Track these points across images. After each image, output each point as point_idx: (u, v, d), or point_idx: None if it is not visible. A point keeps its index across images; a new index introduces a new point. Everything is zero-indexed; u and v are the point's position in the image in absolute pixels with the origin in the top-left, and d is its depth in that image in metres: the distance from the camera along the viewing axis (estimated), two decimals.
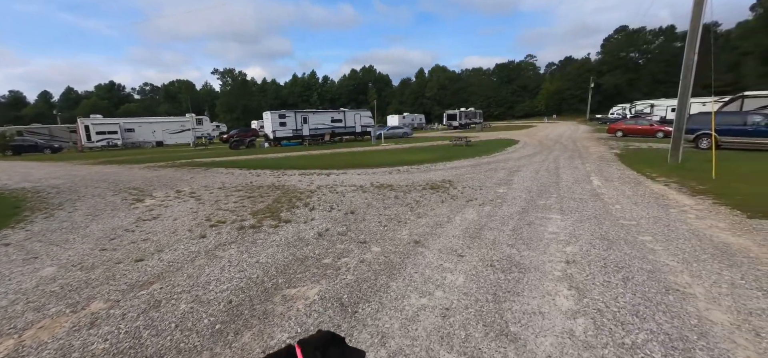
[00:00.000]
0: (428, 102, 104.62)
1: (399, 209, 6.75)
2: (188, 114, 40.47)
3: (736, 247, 4.46)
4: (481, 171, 11.84)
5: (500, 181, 9.80)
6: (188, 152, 26.88)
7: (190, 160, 19.48)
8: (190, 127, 38.35)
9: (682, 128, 12.14)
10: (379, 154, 19.20)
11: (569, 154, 16.07)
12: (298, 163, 15.51)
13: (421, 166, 13.71)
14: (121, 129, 35.84)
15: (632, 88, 75.65)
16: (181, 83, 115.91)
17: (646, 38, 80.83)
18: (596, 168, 11.87)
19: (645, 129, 25.25)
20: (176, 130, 38.17)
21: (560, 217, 6.01)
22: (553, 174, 10.77)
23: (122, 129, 35.95)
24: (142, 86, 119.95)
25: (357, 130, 32.91)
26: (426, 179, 10.50)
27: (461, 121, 51.60)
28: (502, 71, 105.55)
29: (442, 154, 18.13)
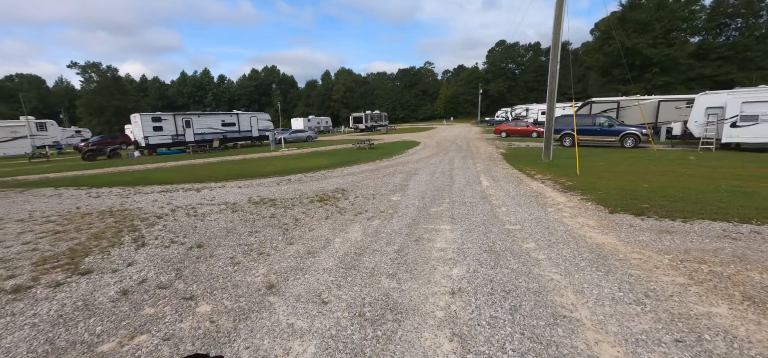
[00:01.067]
0: (335, 104, 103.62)
1: (269, 233, 5.46)
2: (23, 117, 31.46)
3: (607, 248, 4.46)
4: (379, 176, 11.24)
5: (396, 187, 9.25)
6: (18, 166, 20.47)
7: (12, 177, 14.59)
8: (26, 133, 29.84)
9: (552, 130, 13.53)
10: (274, 162, 17.32)
11: (463, 155, 16.79)
12: (165, 177, 12.74)
13: (316, 173, 12.52)
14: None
15: (512, 94, 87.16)
16: (22, 79, 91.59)
17: (519, 52, 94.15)
18: (485, 168, 12.36)
19: (523, 130, 28.61)
20: (6, 138, 29.21)
21: (450, 227, 5.54)
22: (448, 176, 10.75)
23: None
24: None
25: (254, 135, 29.87)
26: (317, 188, 9.36)
27: (367, 123, 51.85)
28: (405, 76, 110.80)
29: (343, 158, 17.23)
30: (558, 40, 12.75)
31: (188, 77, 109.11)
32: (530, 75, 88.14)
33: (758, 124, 14.48)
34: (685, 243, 4.50)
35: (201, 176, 12.55)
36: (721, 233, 4.77)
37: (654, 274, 3.65)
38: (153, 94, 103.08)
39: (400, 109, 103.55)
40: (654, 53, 35.63)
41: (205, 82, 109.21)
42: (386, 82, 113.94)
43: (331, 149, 23.85)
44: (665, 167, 11.49)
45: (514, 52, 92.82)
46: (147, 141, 23.45)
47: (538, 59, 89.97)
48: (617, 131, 18.42)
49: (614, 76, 38.45)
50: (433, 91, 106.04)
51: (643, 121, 22.05)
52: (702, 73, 35.52)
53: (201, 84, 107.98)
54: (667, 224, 5.27)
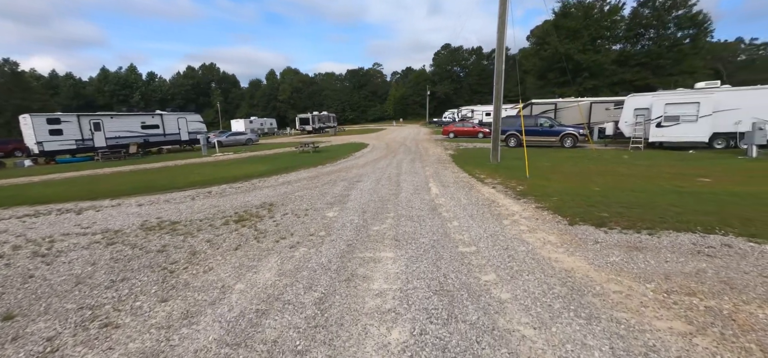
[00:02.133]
0: (282, 105, 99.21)
1: (141, 280, 3.92)
2: None
3: (579, 276, 3.65)
4: (318, 185, 9.89)
5: (335, 198, 7.99)
6: None
7: None
8: None
9: (499, 131, 13.20)
10: (200, 169, 15.08)
11: (411, 158, 16.00)
12: (46, 193, 10.15)
13: (246, 182, 10.80)
14: None
15: (457, 96, 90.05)
16: None
17: (463, 55, 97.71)
18: (434, 172, 11.59)
19: (470, 130, 28.90)
20: None
21: (393, 255, 4.43)
22: (395, 183, 9.74)
23: None
24: None
25: (183, 139, 26.58)
26: (240, 204, 7.78)
27: (315, 125, 49.68)
28: (354, 77, 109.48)
29: (283, 163, 15.54)
30: (503, 39, 12.42)
31: (110, 74, 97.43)
32: (474, 78, 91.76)
33: (679, 125, 15.55)
34: (660, 264, 3.85)
35: (97, 191, 10.19)
36: (692, 248, 4.23)
37: (644, 318, 2.85)
38: (66, 92, 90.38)
39: (350, 111, 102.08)
40: (584, 59, 38.56)
41: (132, 79, 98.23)
42: (335, 82, 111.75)
43: (271, 153, 21.83)
44: (606, 167, 11.62)
45: (458, 55, 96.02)
46: (41, 148, 19.47)
47: (480, 63, 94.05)
48: (557, 132, 18.95)
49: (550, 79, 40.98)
50: (383, 92, 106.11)
51: (579, 122, 23.19)
52: (624, 78, 39.18)
53: (126, 82, 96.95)
54: (633, 238, 4.68)
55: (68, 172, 16.00)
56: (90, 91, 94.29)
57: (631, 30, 43.07)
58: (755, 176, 9.11)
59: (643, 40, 43.41)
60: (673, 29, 41.18)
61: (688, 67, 38.24)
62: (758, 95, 14.54)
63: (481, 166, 12.43)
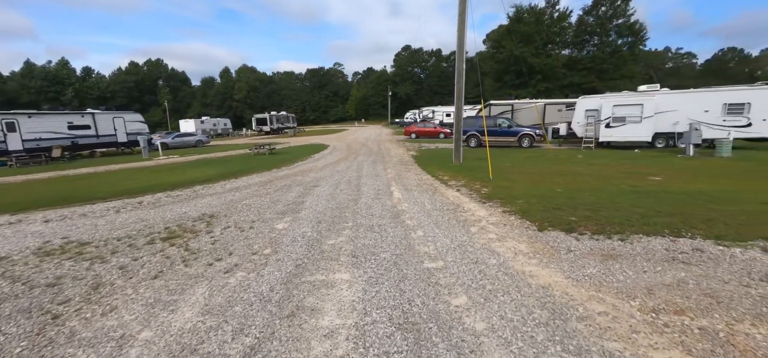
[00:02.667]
0: (238, 105, 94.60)
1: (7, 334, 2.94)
2: None
3: (557, 294, 3.24)
4: (271, 191, 8.97)
5: (287, 206, 7.18)
6: None
7: None
8: None
9: (461, 131, 13.00)
10: (136, 175, 13.40)
11: (373, 159, 15.42)
12: None
13: (187, 190, 9.58)
14: None
15: (418, 97, 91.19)
16: None
17: (424, 57, 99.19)
18: (397, 174, 11.09)
19: (431, 131, 28.95)
20: None
21: (349, 276, 3.79)
22: (355, 187, 9.08)
23: None
24: None
25: (120, 141, 23.89)
26: (174, 216, 6.71)
27: (273, 125, 47.51)
28: (314, 76, 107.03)
29: (234, 167, 14.27)
30: (463, 37, 12.23)
31: (37, 68, 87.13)
32: (434, 80, 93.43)
33: (626, 125, 16.41)
34: (639, 275, 3.56)
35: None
36: (666, 255, 4.01)
37: (639, 348, 2.45)
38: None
39: (310, 111, 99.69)
40: (537, 62, 40.46)
41: (63, 75, 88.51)
42: (294, 82, 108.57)
43: (222, 156, 20.22)
44: (563, 167, 11.80)
45: (418, 56, 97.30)
46: None
47: (440, 65, 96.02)
48: (516, 132, 19.33)
49: (506, 81, 42.55)
50: (344, 92, 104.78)
51: (535, 123, 23.94)
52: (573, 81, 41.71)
53: (56, 77, 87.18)
54: (606, 244, 4.41)
55: None
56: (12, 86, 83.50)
57: (578, 36, 45.98)
58: (699, 174, 9.59)
59: (589, 46, 46.54)
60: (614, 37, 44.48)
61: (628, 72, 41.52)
62: (693, 98, 15.70)
63: (444, 167, 12.14)
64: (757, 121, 14.49)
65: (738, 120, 14.68)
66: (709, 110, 15.12)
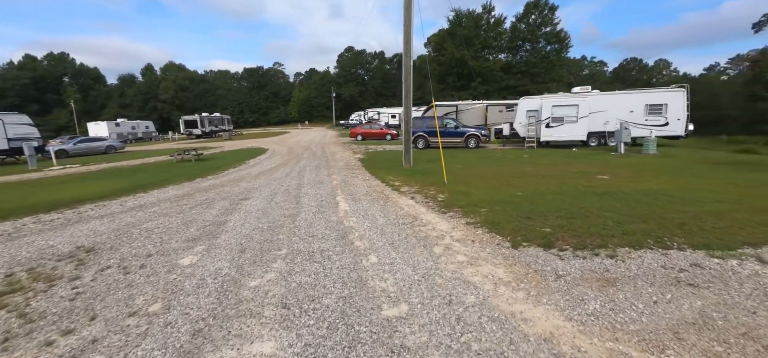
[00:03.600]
0: (164, 106, 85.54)
1: None
2: None
3: (567, 352, 2.35)
4: (187, 207, 7.23)
5: (203, 230, 5.62)
6: None
7: None
8: None
9: (411, 132, 12.22)
10: (6, 192, 10.44)
11: (317, 164, 14.01)
12: None
13: (70, 211, 7.38)
14: None
15: (363, 98, 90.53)
16: None
17: (367, 59, 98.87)
18: (343, 180, 9.90)
19: (378, 132, 28.14)
20: None
21: (274, 348, 2.55)
22: (294, 198, 7.71)
23: None
24: None
25: (1, 147, 19.26)
26: (34, 253, 4.79)
27: (205, 128, 43.14)
28: (253, 76, 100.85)
29: (146, 178, 11.90)
30: (410, 30, 11.46)
31: None
32: (378, 81, 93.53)
33: (564, 125, 17.06)
34: (651, 309, 2.84)
35: None
36: (666, 275, 3.40)
37: None
38: None
39: (249, 112, 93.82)
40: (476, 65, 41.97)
41: None
42: (231, 81, 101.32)
43: (137, 164, 17.20)
44: (514, 168, 11.57)
45: (362, 58, 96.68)
46: None
47: (383, 67, 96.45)
48: (462, 133, 19.23)
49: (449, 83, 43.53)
50: (286, 93, 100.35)
51: (478, 123, 24.33)
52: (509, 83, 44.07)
53: None
54: (595, 264, 3.71)
55: None
56: None
57: (512, 41, 48.84)
58: (641, 172, 9.85)
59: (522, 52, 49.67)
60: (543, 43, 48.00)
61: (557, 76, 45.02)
62: (621, 99, 16.82)
63: (394, 171, 11.23)
64: (673, 121, 15.90)
65: (658, 120, 15.98)
66: (633, 110, 16.27)
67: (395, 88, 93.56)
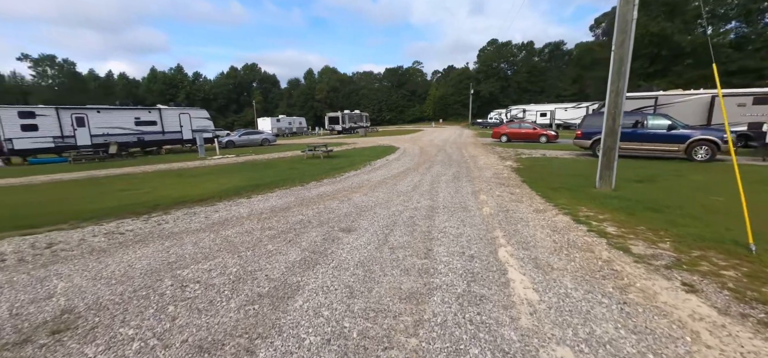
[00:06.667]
0: (318, 104, 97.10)
1: None
2: None
3: None
4: (264, 236, 4.90)
5: (250, 305, 2.89)
6: None
7: None
8: None
9: (617, 135, 7.35)
10: (152, 181, 10.83)
11: (454, 172, 10.52)
12: None
13: (170, 215, 6.08)
14: None
15: (504, 95, 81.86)
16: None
17: (512, 51, 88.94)
18: (499, 207, 6.11)
19: (529, 133, 22.58)
20: None
21: None
22: (421, 240, 4.46)
23: None
24: None
25: (185, 137, 23.09)
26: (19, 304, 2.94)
27: (344, 124, 45.39)
28: (392, 76, 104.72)
29: (269, 175, 10.87)
30: None
31: (158, 73, 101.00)
32: (523, 76, 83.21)
33: None
34: None
35: None
36: None
37: None
38: (120, 92, 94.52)
39: (387, 110, 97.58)
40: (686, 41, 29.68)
41: (178, 79, 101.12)
42: (373, 81, 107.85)
43: (273, 158, 17.39)
44: None
45: (506, 51, 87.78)
46: (10, 145, 16.53)
47: (530, 59, 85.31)
48: (683, 137, 12.37)
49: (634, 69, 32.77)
50: (422, 91, 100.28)
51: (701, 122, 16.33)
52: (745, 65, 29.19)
53: (173, 81, 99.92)
54: None
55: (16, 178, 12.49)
56: (141, 91, 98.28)
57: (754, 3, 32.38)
58: None
59: None
60: None
61: None
62: None
63: (585, 196, 6.75)
64: None
65: None
66: None
67: (544, 83, 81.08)
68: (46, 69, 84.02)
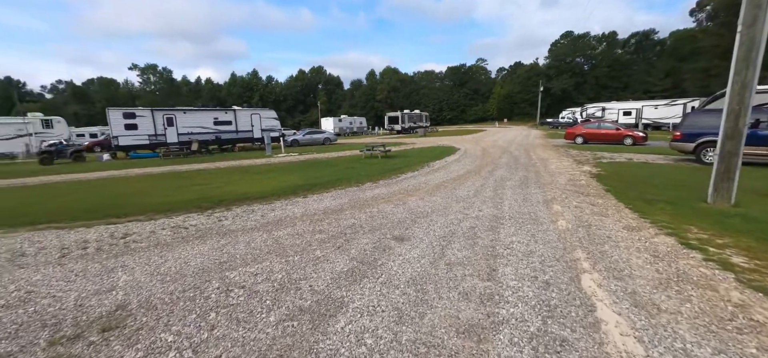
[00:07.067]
0: (379, 105, 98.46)
1: None
2: (31, 114, 29.86)
3: None
4: (314, 240, 4.72)
5: (289, 321, 2.63)
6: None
7: None
8: (31, 131, 27.96)
9: (741, 139, 5.86)
10: (224, 176, 11.59)
11: (521, 177, 9.51)
12: None
13: (231, 211, 6.32)
14: None
15: (579, 92, 74.70)
16: (102, 81, 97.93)
17: (590, 44, 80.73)
18: (578, 220, 5.19)
19: (611, 134, 19.96)
20: (9, 136, 27.49)
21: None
22: (483, 257, 3.89)
23: None
24: (53, 84, 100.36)
25: (256, 136, 24.79)
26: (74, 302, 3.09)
27: (404, 124, 45.16)
28: (454, 74, 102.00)
29: (327, 174, 10.97)
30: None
31: (237, 78, 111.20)
32: (602, 70, 75.13)
33: None
34: None
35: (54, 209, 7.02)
36: None
37: None
38: (206, 95, 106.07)
39: (448, 110, 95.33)
40: None
41: (253, 82, 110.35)
42: (434, 80, 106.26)
43: (333, 157, 17.71)
44: None
45: (583, 44, 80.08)
46: (116, 142, 19.24)
47: (612, 52, 76.58)
48: None
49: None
50: (485, 90, 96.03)
51: None
52: None
53: (249, 85, 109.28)
54: None
55: (107, 171, 14.45)
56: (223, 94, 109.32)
57: None
58: None
59: None
60: None
61: None
62: None
63: (693, 211, 5.46)
64: None
65: None
66: None
67: (628, 78, 72.16)
68: (150, 76, 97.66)
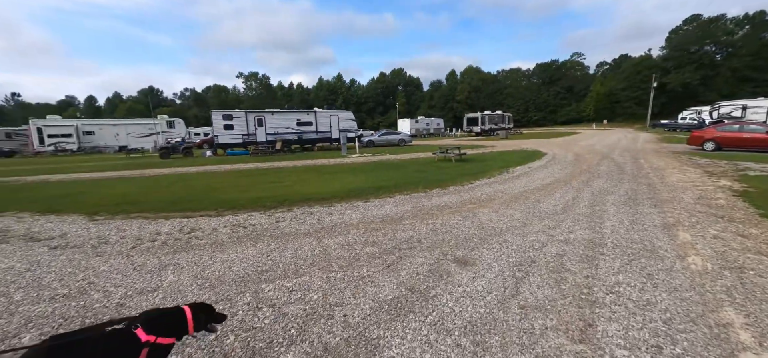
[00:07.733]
0: (458, 105, 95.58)
1: None
2: (160, 116, 35.90)
3: None
4: (365, 253, 4.23)
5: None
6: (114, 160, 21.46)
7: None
8: (159, 130, 33.62)
9: None
10: (297, 176, 11.99)
11: (628, 190, 7.68)
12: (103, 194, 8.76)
13: (290, 212, 6.29)
14: (79, 131, 31.75)
15: (707, 87, 61.66)
16: (216, 88, 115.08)
17: (725, 27, 65.93)
18: (716, 253, 3.68)
19: (759, 138, 15.48)
20: (144, 134, 33.52)
21: None
22: (579, 288, 2.89)
23: (80, 131, 31.86)
24: (182, 91, 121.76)
25: (334, 137, 25.76)
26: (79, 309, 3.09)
27: (484, 126, 42.59)
28: (544, 72, 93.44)
29: (395, 178, 10.52)
30: None
31: (324, 82, 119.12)
32: (743, 60, 60.80)
33: None
34: None
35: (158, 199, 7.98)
36: None
37: None
38: (296, 98, 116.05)
39: (534, 110, 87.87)
40: None
41: (337, 86, 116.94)
42: (520, 79, 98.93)
43: (407, 158, 17.24)
44: None
45: (716, 29, 65.97)
46: (216, 140, 21.79)
47: (758, 36, 61.21)
48: None
49: None
50: (581, 88, 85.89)
51: None
52: None
53: (333, 88, 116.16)
54: None
55: (214, 167, 16.25)
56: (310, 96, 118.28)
57: None
58: None
59: None
60: None
61: None
62: None
63: None
64: None
65: None
66: None
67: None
68: (252, 83, 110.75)
